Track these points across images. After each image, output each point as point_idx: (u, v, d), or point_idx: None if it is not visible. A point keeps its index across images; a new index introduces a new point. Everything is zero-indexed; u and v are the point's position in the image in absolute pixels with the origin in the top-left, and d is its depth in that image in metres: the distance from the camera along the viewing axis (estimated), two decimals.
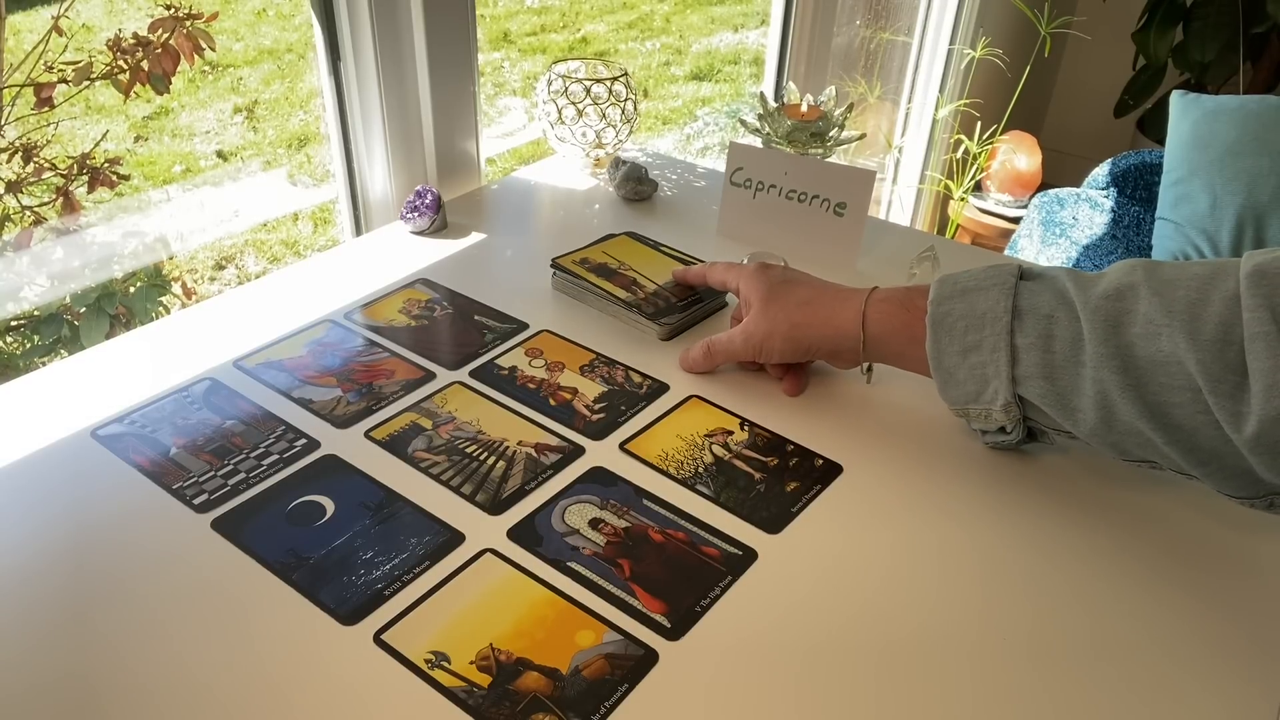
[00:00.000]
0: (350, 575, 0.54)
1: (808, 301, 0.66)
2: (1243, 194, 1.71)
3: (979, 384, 0.57)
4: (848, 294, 0.65)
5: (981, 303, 0.57)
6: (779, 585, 0.54)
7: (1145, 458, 0.55)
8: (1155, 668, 0.50)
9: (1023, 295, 0.56)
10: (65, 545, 0.55)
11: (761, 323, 0.67)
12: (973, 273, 0.59)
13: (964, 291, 0.58)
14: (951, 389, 0.59)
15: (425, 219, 0.91)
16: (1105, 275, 0.54)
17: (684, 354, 0.72)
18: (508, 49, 2.75)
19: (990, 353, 0.56)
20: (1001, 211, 2.42)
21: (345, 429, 0.65)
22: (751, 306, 0.68)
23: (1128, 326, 0.51)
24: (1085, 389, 0.53)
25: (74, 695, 0.47)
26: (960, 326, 0.57)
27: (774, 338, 0.66)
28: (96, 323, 1.15)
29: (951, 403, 0.60)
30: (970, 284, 0.58)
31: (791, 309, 0.66)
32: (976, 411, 0.59)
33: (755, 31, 3.06)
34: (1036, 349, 0.55)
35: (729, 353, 0.69)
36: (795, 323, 0.66)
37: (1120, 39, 2.40)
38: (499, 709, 0.47)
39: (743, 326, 0.68)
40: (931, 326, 0.58)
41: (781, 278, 0.68)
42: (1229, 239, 1.72)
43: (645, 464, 0.63)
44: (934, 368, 0.59)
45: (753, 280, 0.69)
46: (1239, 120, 1.74)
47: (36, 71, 1.05)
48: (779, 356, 0.68)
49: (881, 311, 0.62)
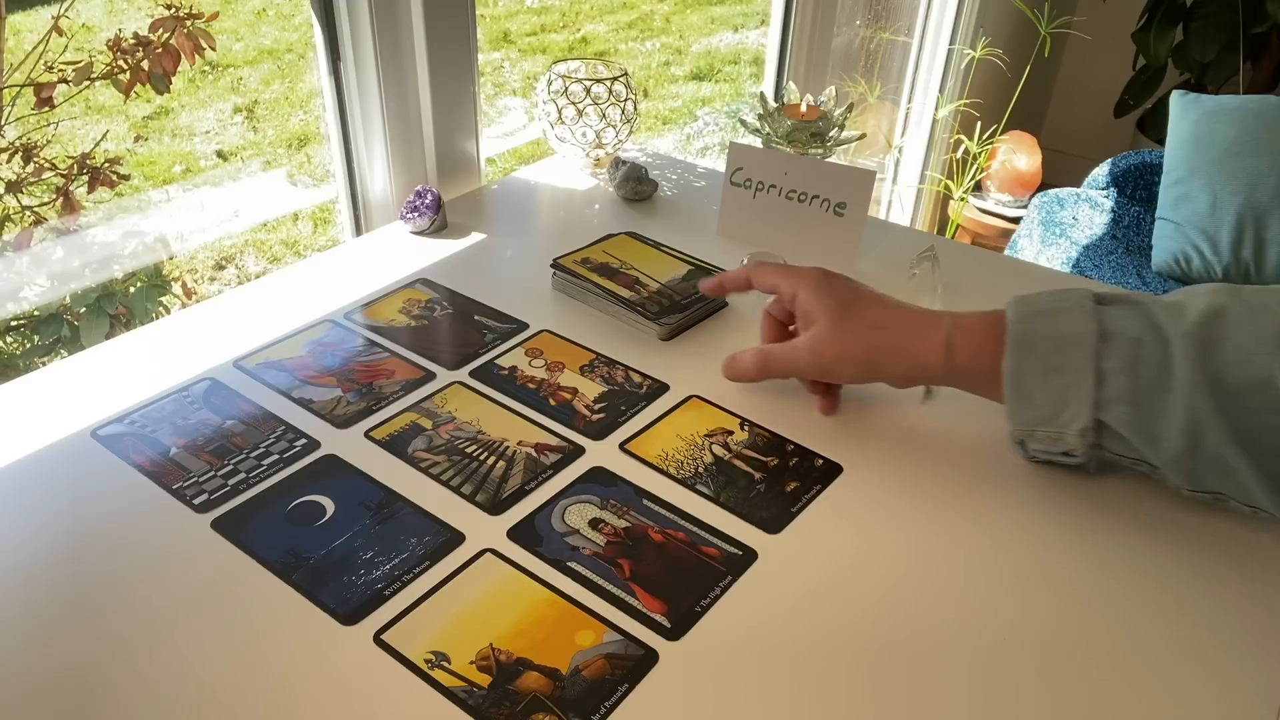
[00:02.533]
0: (350, 575, 0.54)
1: (884, 325, 0.61)
2: (1243, 194, 1.72)
3: (1056, 406, 0.55)
4: (925, 322, 0.61)
5: (1067, 324, 0.55)
6: (779, 585, 0.54)
7: (1218, 489, 0.54)
8: (1155, 667, 0.50)
9: (1108, 319, 0.55)
10: (65, 545, 0.55)
11: (832, 342, 0.62)
12: (1050, 294, 0.57)
13: (1047, 312, 0.56)
14: (1025, 410, 0.57)
15: (425, 219, 0.91)
16: (1189, 300, 0.54)
17: (732, 361, 0.67)
18: (508, 49, 2.75)
19: (1075, 375, 0.54)
20: (1001, 211, 2.42)
21: (345, 429, 0.65)
22: (816, 322, 0.62)
23: (1219, 353, 0.51)
24: (1172, 415, 0.52)
25: (74, 695, 0.47)
26: (1044, 347, 0.55)
27: (846, 362, 0.62)
28: (96, 323, 1.16)
29: (1020, 424, 0.58)
30: (1051, 305, 0.56)
31: (867, 332, 0.61)
32: (1046, 433, 0.57)
33: (755, 31, 3.06)
34: (1123, 373, 0.54)
35: (789, 368, 0.65)
36: (873, 348, 0.61)
37: (1120, 39, 2.40)
38: (499, 709, 0.47)
39: (809, 343, 0.63)
40: (1014, 345, 0.56)
41: (850, 292, 0.63)
42: (1229, 239, 1.72)
43: (645, 464, 0.63)
44: (1010, 387, 0.57)
45: (817, 291, 0.63)
46: (1239, 120, 1.74)
47: (36, 71, 1.05)
48: (846, 380, 0.65)
49: (970, 342, 0.59)
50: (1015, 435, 0.59)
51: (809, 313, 0.63)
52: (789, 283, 0.65)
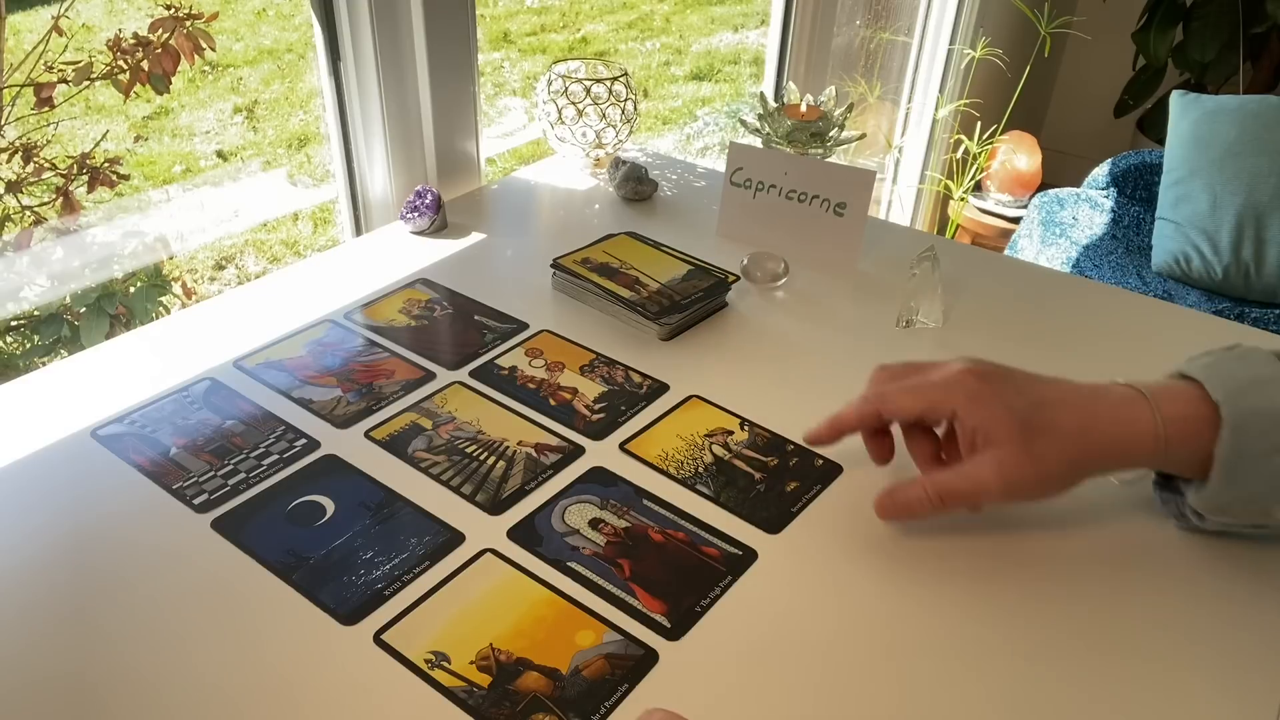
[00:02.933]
0: (350, 575, 0.54)
1: (1085, 430, 0.52)
2: (1243, 194, 1.71)
3: (1272, 488, 0.51)
4: (1125, 413, 0.52)
5: (1278, 396, 0.50)
6: (779, 585, 0.54)
7: None
8: (1155, 666, 0.50)
9: None
10: (65, 545, 0.55)
11: (1027, 466, 0.52)
12: (1236, 358, 0.53)
13: (1254, 383, 0.51)
14: (1232, 491, 0.51)
15: (425, 219, 0.91)
16: None
17: (892, 498, 0.56)
18: (508, 49, 2.75)
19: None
20: (1001, 211, 2.42)
21: (345, 429, 0.65)
22: (995, 442, 0.52)
23: None
24: None
25: (74, 695, 0.47)
26: (1262, 426, 0.50)
27: (1048, 482, 0.53)
28: (96, 323, 1.15)
29: (1221, 504, 0.52)
30: (1252, 373, 0.51)
31: (1067, 444, 0.52)
32: (1248, 512, 0.52)
33: (755, 31, 3.06)
34: None
35: (977, 502, 0.55)
36: (1078, 463, 0.53)
37: (1120, 39, 2.40)
38: (499, 709, 0.47)
39: (996, 469, 0.52)
40: (1233, 428, 0.50)
41: (1021, 394, 0.53)
42: (1229, 239, 1.72)
43: (645, 464, 0.63)
44: (1224, 471, 0.51)
45: (981, 404, 0.53)
46: (1239, 120, 1.74)
47: (36, 71, 1.05)
48: (1044, 499, 0.55)
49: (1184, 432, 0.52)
50: (1204, 510, 0.54)
51: (983, 433, 0.53)
52: (937, 402, 0.54)
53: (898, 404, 0.56)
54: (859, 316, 0.81)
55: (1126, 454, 0.53)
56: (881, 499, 0.56)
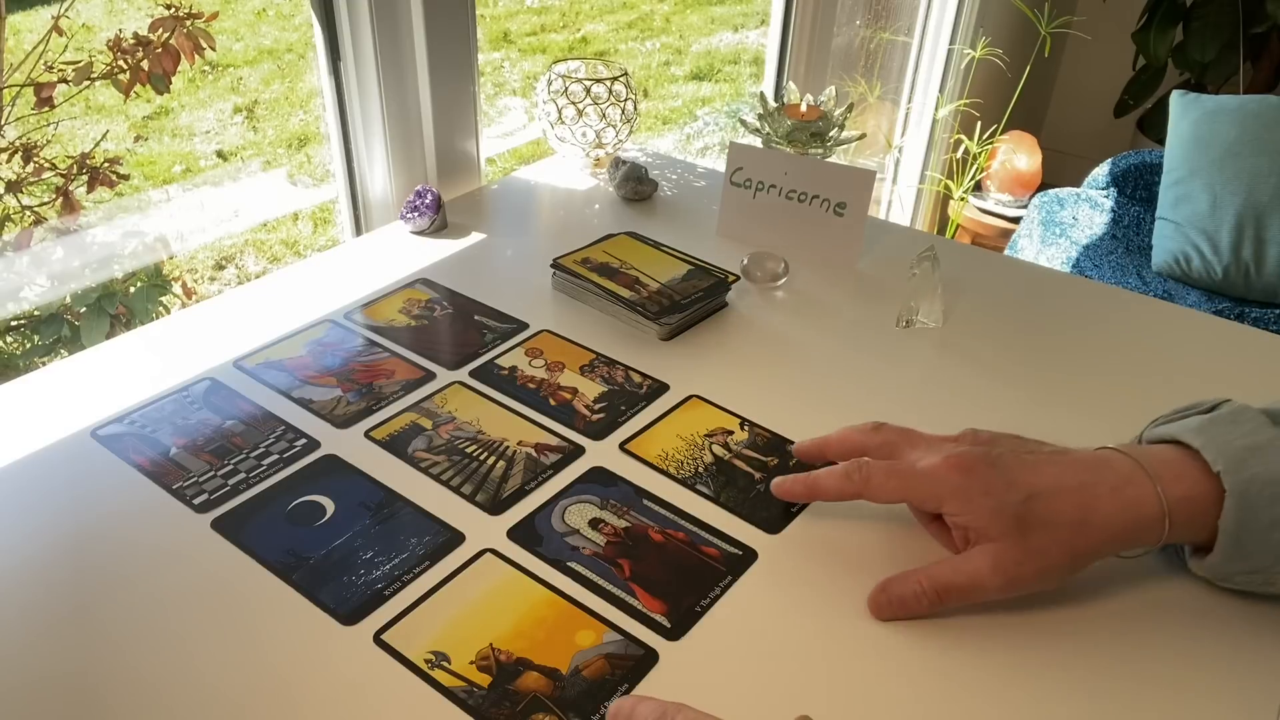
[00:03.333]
0: (350, 575, 0.54)
1: (1085, 520, 0.49)
2: (1243, 194, 1.72)
3: (1277, 558, 0.49)
4: (1128, 497, 0.50)
5: (1276, 463, 0.48)
6: (779, 585, 0.54)
7: None
8: (1155, 666, 0.50)
9: None
10: (65, 545, 0.55)
11: (1025, 561, 0.50)
12: (1233, 421, 0.51)
13: (1253, 451, 0.49)
14: (1237, 563, 0.50)
15: (425, 219, 0.91)
16: None
17: (886, 594, 0.52)
18: (508, 49, 2.75)
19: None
20: (1001, 211, 2.42)
21: (345, 429, 0.65)
22: (991, 537, 0.50)
23: None
24: None
25: (74, 695, 0.47)
26: (1265, 495, 0.48)
27: (1050, 574, 0.51)
28: (97, 323, 1.16)
29: (1226, 574, 0.51)
30: (1248, 440, 0.49)
31: (1068, 535, 0.50)
32: (1251, 580, 0.51)
33: (755, 31, 3.06)
34: None
35: (975, 598, 0.52)
36: (1080, 552, 0.50)
37: (1120, 39, 2.40)
38: (499, 709, 0.47)
39: (992, 565, 0.50)
40: (1238, 500, 0.48)
41: (1020, 490, 0.50)
42: (1229, 239, 1.72)
43: (645, 464, 0.63)
44: (1229, 545, 0.49)
45: (972, 496, 0.50)
46: (1239, 120, 1.74)
47: (36, 71, 1.05)
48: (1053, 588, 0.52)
49: (1189, 513, 0.50)
50: (1206, 577, 0.53)
51: (975, 530, 0.51)
52: (922, 497, 0.53)
53: (881, 491, 0.54)
54: (859, 316, 0.81)
55: (1131, 538, 0.50)
56: (876, 596, 0.53)
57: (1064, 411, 0.69)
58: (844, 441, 0.58)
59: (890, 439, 0.56)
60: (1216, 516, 0.49)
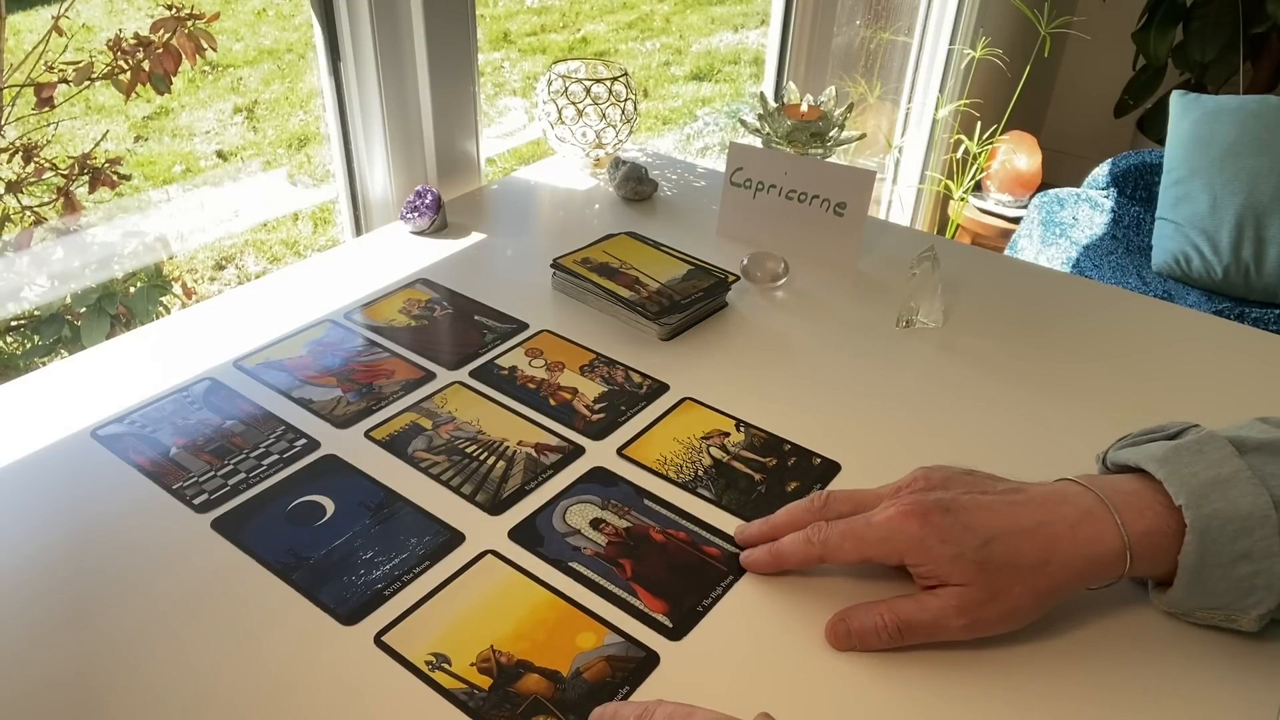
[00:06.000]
0: (350, 575, 0.54)
1: (1046, 561, 0.49)
2: (1243, 194, 1.71)
3: (1238, 595, 0.49)
4: (1088, 533, 0.49)
5: (1241, 499, 0.47)
6: (781, 584, 0.54)
7: None
8: (1155, 666, 0.50)
9: (1272, 481, 0.48)
10: (65, 545, 0.55)
11: (989, 605, 0.49)
12: (1198, 451, 0.50)
13: (1217, 485, 0.48)
14: (1197, 598, 0.50)
15: (425, 219, 0.91)
16: None
17: (844, 625, 0.51)
18: (508, 49, 2.75)
19: (1262, 560, 0.47)
20: (1001, 211, 2.42)
21: (345, 429, 0.65)
22: (953, 582, 0.49)
23: None
24: None
25: (74, 695, 0.47)
26: (1228, 531, 0.47)
27: (1014, 616, 0.50)
28: (97, 323, 1.15)
29: (1187, 610, 0.51)
30: (1212, 474, 0.48)
31: (1028, 577, 0.49)
32: (1213, 616, 0.51)
33: (755, 31, 3.06)
34: None
35: (938, 638, 0.51)
36: (1041, 593, 0.49)
37: (1120, 39, 2.40)
38: (500, 711, 0.47)
39: (957, 608, 0.49)
40: (1199, 536, 0.48)
41: (978, 534, 0.49)
42: (1229, 239, 1.72)
43: (645, 469, 0.63)
44: (1190, 580, 0.49)
45: (932, 555, 0.49)
46: (1239, 120, 1.74)
47: (36, 71, 1.05)
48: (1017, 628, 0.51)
49: (1151, 546, 0.49)
50: (1167, 610, 0.52)
51: (936, 577, 0.50)
52: (881, 553, 0.51)
53: (841, 553, 0.52)
54: (859, 316, 0.81)
55: (1093, 574, 0.50)
56: (835, 625, 0.51)
57: (1064, 411, 0.69)
58: (792, 522, 0.55)
59: (837, 509, 0.54)
60: (1178, 551, 0.48)
